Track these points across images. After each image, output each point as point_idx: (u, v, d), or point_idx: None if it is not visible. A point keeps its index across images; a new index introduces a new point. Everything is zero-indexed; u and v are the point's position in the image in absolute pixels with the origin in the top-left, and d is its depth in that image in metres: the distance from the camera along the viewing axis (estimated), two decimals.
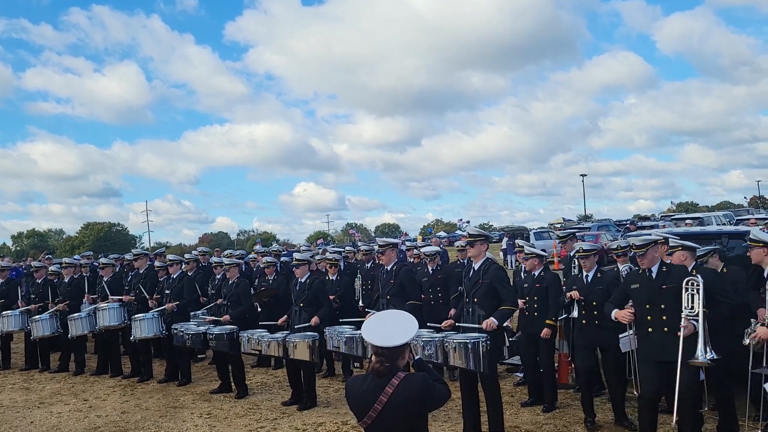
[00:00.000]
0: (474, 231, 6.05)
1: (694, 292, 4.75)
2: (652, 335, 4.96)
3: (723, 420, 5.30)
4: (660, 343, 4.90)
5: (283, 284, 9.00)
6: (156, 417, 7.15)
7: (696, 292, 4.74)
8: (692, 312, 4.72)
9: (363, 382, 3.10)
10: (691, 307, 4.74)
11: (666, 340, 4.86)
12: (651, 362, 4.98)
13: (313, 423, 6.55)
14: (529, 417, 6.34)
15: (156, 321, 8.60)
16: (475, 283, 5.81)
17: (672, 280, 4.91)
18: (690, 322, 4.72)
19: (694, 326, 4.70)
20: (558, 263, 22.81)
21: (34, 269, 11.13)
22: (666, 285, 4.92)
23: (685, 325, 4.70)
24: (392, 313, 3.45)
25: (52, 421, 7.28)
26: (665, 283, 4.93)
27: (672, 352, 4.79)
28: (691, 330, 4.70)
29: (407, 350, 3.12)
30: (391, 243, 7.83)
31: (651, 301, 4.97)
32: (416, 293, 7.65)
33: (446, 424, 6.23)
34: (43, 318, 9.65)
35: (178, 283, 8.89)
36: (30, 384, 9.29)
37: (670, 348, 4.81)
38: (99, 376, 9.41)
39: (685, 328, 4.69)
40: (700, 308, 4.69)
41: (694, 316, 4.71)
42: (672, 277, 4.94)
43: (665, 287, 4.91)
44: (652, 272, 5.04)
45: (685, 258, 5.09)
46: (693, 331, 4.69)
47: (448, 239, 29.95)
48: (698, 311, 4.69)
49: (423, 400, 3.03)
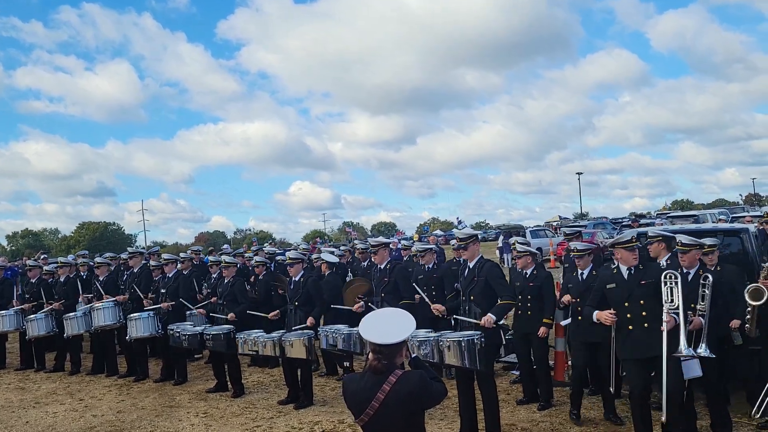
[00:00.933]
0: (462, 234, 6.07)
1: (673, 285, 4.76)
2: (634, 332, 4.97)
3: (716, 416, 5.32)
4: (642, 340, 4.92)
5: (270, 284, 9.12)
6: (152, 416, 7.13)
7: (675, 285, 4.75)
8: (672, 305, 4.74)
9: (360, 379, 3.10)
10: (671, 301, 4.75)
11: (648, 336, 4.88)
12: (634, 360, 5.01)
13: (309, 422, 6.54)
14: (525, 415, 6.34)
15: (152, 320, 8.57)
16: (470, 281, 5.81)
17: (650, 276, 4.94)
18: (671, 315, 4.73)
19: (675, 319, 4.71)
20: (554, 261, 22.91)
21: (29, 268, 11.10)
22: (644, 281, 4.93)
23: (667, 320, 4.71)
24: (390, 310, 3.44)
25: (48, 420, 7.25)
26: (643, 279, 4.95)
27: (656, 347, 4.82)
28: (673, 324, 4.71)
29: (405, 348, 3.12)
30: (383, 242, 7.95)
31: (629, 299, 4.98)
32: (410, 292, 7.67)
33: (443, 422, 6.23)
34: (39, 317, 9.61)
35: (173, 282, 8.87)
36: (25, 384, 9.26)
37: (654, 343, 4.84)
38: (95, 376, 9.38)
39: (667, 323, 4.70)
40: (680, 301, 4.70)
41: (674, 309, 4.73)
42: (649, 272, 4.97)
43: (644, 283, 4.93)
44: (623, 271, 5.05)
45: (662, 248, 5.07)
46: (674, 325, 4.71)
47: (444, 237, 29.98)
48: (678, 304, 4.71)
49: (420, 398, 3.03)
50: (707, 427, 5.43)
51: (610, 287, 5.12)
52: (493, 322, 5.47)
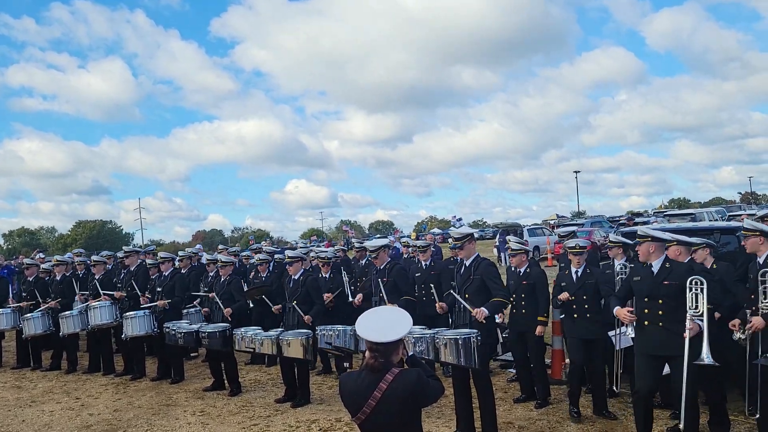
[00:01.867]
0: (458, 234, 6.08)
1: (698, 292, 4.73)
2: (647, 328, 4.96)
3: (714, 414, 5.32)
4: (653, 336, 4.91)
5: (276, 281, 9.00)
6: (149, 415, 7.11)
7: (700, 292, 4.72)
8: (696, 312, 4.71)
9: (357, 377, 3.10)
10: (695, 307, 4.72)
11: (660, 335, 4.87)
12: (645, 356, 4.99)
13: (306, 420, 6.53)
14: (522, 413, 6.35)
15: (147, 319, 8.55)
16: (466, 279, 5.83)
17: (674, 277, 4.87)
18: (695, 322, 4.70)
19: (699, 326, 4.68)
20: (552, 260, 22.93)
21: (25, 266, 11.07)
22: (667, 281, 4.89)
23: (690, 327, 4.67)
24: (386, 308, 3.45)
25: (44, 419, 7.23)
26: (667, 279, 4.90)
27: (663, 347, 4.82)
28: (697, 330, 4.68)
29: (401, 346, 3.11)
30: (383, 245, 7.96)
31: (650, 295, 4.96)
32: (410, 290, 7.69)
33: (440, 420, 6.23)
34: (35, 316, 9.58)
35: (169, 280, 8.85)
36: (22, 382, 9.23)
37: (663, 343, 4.83)
38: (91, 374, 9.36)
39: (691, 330, 4.67)
40: (705, 308, 4.67)
41: (699, 316, 4.70)
42: (674, 274, 4.90)
43: (666, 283, 4.89)
44: (653, 267, 5.02)
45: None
46: (698, 331, 4.68)
47: (442, 236, 29.93)
48: (702, 311, 4.68)
49: (417, 396, 3.02)
50: (704, 425, 5.44)
51: (636, 280, 5.13)
52: (485, 315, 5.48)
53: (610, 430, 5.74)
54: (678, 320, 4.76)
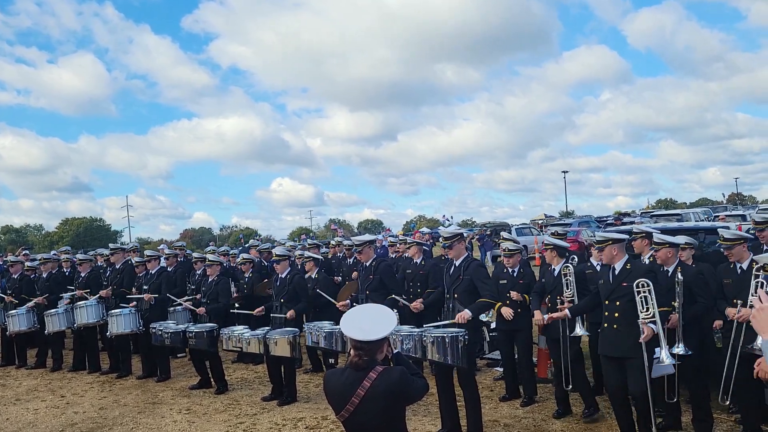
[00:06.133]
0: (447, 233, 6.10)
1: (646, 294, 4.74)
2: (606, 330, 5.06)
3: (697, 412, 5.38)
4: (611, 340, 4.99)
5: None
6: (134, 413, 7.08)
7: (648, 294, 4.73)
8: (648, 315, 4.73)
9: (341, 375, 3.10)
10: (646, 310, 4.73)
11: (614, 337, 4.94)
12: (604, 357, 5.10)
13: (292, 418, 6.53)
14: (508, 411, 6.38)
15: (132, 317, 8.51)
16: (455, 279, 5.85)
17: (632, 279, 4.88)
18: (648, 326, 4.71)
19: (652, 329, 4.71)
20: (539, 259, 22.98)
21: (10, 264, 10.98)
22: (626, 282, 4.91)
23: (645, 333, 4.68)
24: (371, 306, 3.44)
25: (29, 417, 7.18)
26: (625, 281, 4.93)
27: (615, 348, 4.91)
28: (651, 334, 4.70)
29: (386, 344, 3.12)
30: (368, 240, 7.91)
31: (610, 298, 5.02)
32: (397, 287, 7.66)
33: (426, 418, 6.25)
34: (20, 313, 9.49)
35: (156, 278, 8.81)
36: (6, 380, 9.16)
37: (614, 345, 4.92)
38: (76, 372, 9.31)
39: (644, 335, 4.68)
40: (655, 309, 4.70)
41: (651, 319, 4.72)
42: (632, 275, 4.91)
43: (625, 285, 4.91)
44: (616, 269, 5.06)
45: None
46: (653, 335, 4.71)
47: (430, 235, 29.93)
48: (653, 312, 4.70)
49: (401, 394, 3.03)
50: (688, 423, 5.49)
51: (601, 283, 5.18)
52: (468, 317, 5.50)
53: (595, 428, 5.79)
54: (630, 322, 4.81)
